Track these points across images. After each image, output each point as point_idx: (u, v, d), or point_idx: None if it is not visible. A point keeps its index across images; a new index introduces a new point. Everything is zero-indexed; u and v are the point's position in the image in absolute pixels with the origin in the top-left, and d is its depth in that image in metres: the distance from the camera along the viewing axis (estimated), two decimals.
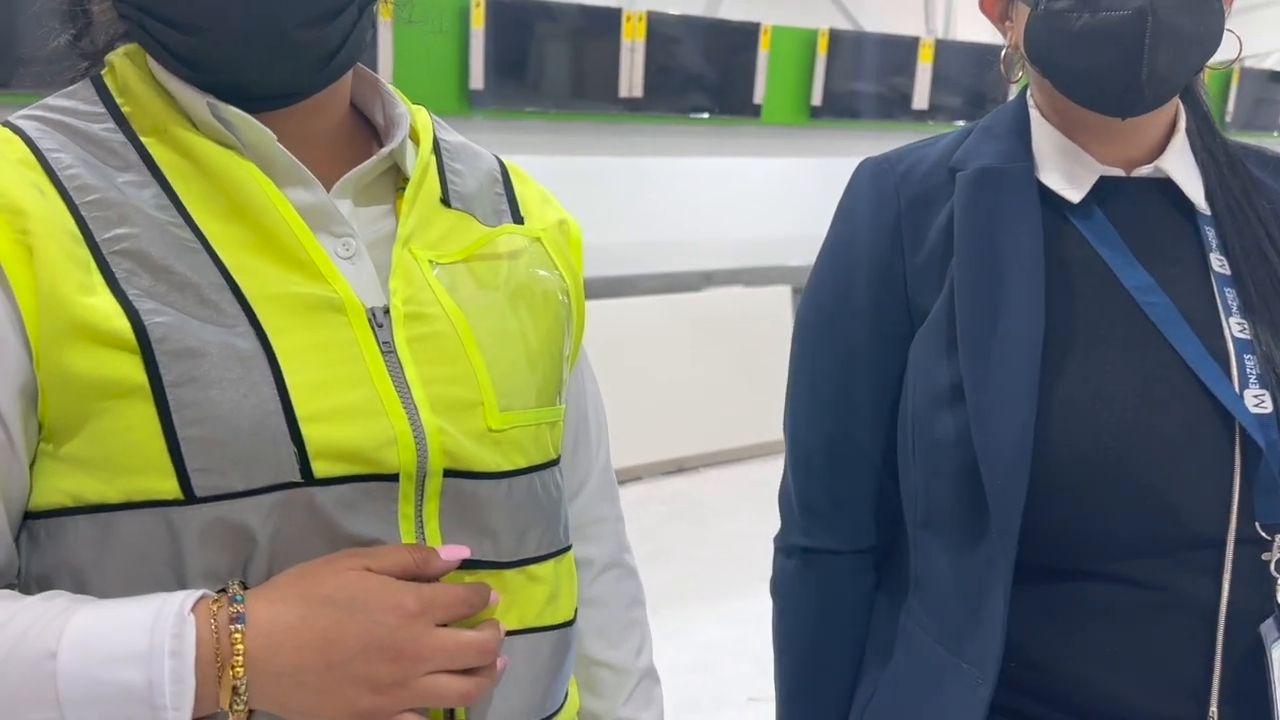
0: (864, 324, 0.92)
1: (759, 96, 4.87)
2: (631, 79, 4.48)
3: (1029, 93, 0.93)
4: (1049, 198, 0.88)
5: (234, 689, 0.60)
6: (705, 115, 4.82)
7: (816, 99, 5.09)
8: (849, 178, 0.96)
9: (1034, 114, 0.91)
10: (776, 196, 5.27)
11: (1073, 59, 0.83)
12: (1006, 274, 0.84)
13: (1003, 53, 0.94)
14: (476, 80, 4.12)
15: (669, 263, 4.85)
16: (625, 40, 4.42)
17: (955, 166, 0.90)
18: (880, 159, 0.94)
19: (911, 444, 0.88)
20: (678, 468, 4.69)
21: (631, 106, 4.54)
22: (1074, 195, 0.87)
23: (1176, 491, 0.79)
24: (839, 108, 5.17)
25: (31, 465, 0.64)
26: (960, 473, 0.83)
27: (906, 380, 0.89)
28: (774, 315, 5.00)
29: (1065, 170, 0.88)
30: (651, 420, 4.30)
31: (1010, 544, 0.80)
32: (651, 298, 4.60)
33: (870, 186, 0.93)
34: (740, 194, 5.17)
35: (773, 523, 1.01)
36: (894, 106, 5.30)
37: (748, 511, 4.24)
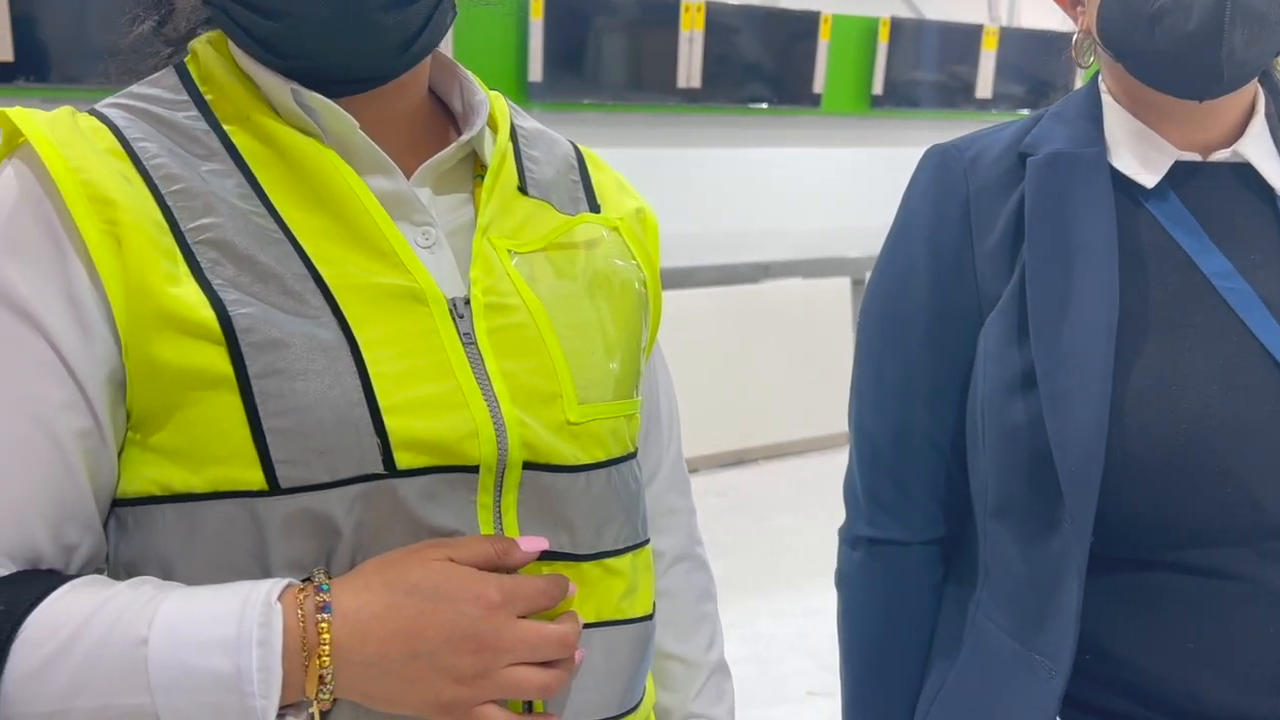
0: (931, 311, 0.91)
1: (819, 86, 4.83)
2: (690, 70, 4.47)
3: (1100, 78, 0.92)
4: (1122, 183, 0.87)
5: (320, 678, 0.61)
6: (764, 105, 4.79)
7: (877, 88, 5.04)
8: (915, 165, 0.95)
9: (1106, 98, 0.90)
10: (836, 187, 5.22)
11: (1148, 42, 0.81)
12: (1079, 259, 0.83)
13: (1074, 38, 0.93)
14: (535, 73, 4.14)
15: (726, 254, 4.82)
16: (683, 31, 4.41)
17: (1025, 152, 0.89)
18: (948, 145, 0.94)
19: (982, 432, 0.88)
20: (735, 460, 4.67)
21: (689, 97, 4.53)
22: (1148, 179, 0.86)
23: (1258, 479, 0.78)
24: (900, 97, 5.12)
25: (120, 453, 0.66)
26: (1033, 460, 0.82)
27: (976, 367, 0.89)
28: (833, 308, 4.95)
29: (1139, 154, 0.87)
30: (708, 413, 4.29)
31: (1085, 533, 0.79)
32: (709, 290, 4.59)
33: (937, 173, 0.92)
34: (799, 185, 5.13)
35: (829, 517, 1.00)
36: (957, 95, 5.22)
37: (805, 505, 4.22)
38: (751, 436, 4.67)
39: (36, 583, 0.62)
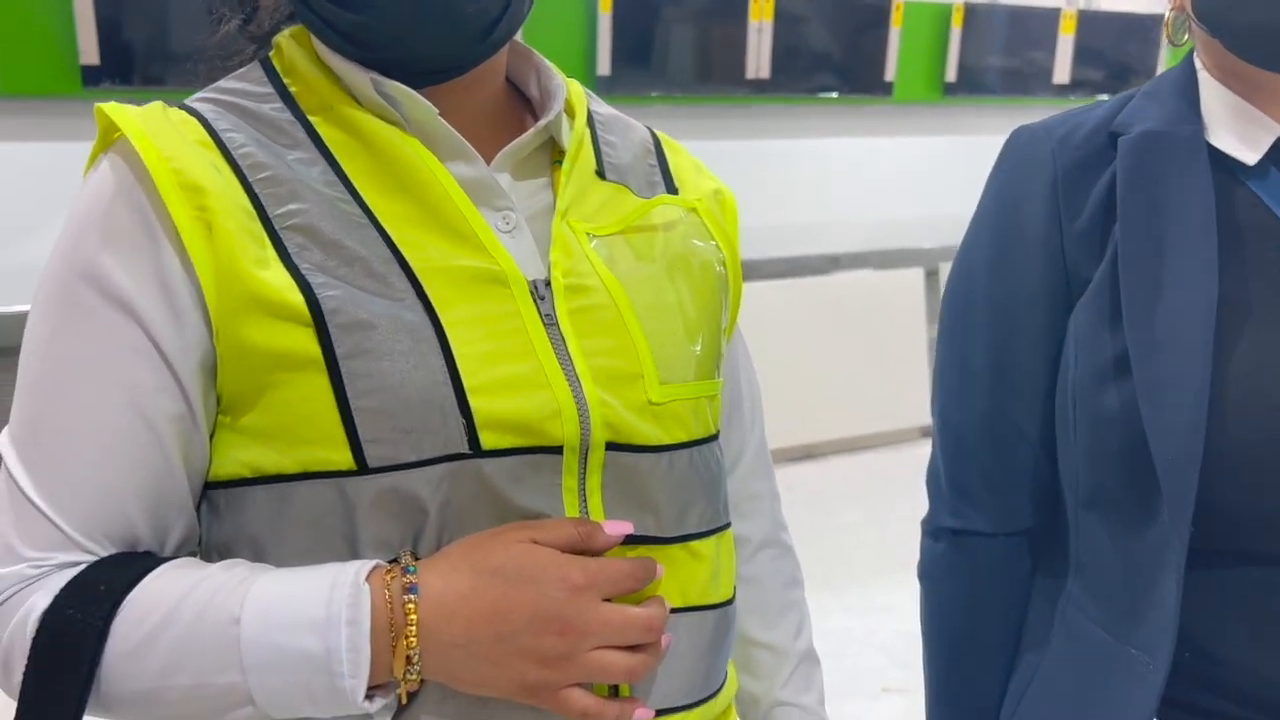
0: (1019, 296, 0.89)
1: (890, 74, 4.75)
2: (759, 60, 4.44)
3: (1195, 55, 0.89)
4: (1220, 160, 0.83)
5: (407, 658, 0.61)
6: (834, 95, 4.73)
7: (950, 75, 4.95)
8: (988, 153, 0.93)
9: (1203, 75, 0.86)
10: (908, 177, 5.14)
11: (1246, 16, 0.78)
12: (1175, 240, 0.80)
13: (1166, 16, 0.90)
14: (603, 66, 4.14)
15: (796, 246, 4.78)
16: (752, 21, 4.37)
17: (1117, 131, 0.86)
18: (1036, 125, 0.91)
19: (1073, 420, 0.85)
20: (804, 455, 4.63)
21: (758, 88, 4.49)
22: (1249, 156, 0.83)
23: None
24: (974, 84, 5.02)
25: (211, 437, 0.67)
26: (1127, 450, 0.80)
27: (1066, 353, 0.86)
28: (905, 299, 4.88)
29: (1239, 131, 0.83)
30: (778, 406, 4.24)
31: (1183, 525, 0.77)
32: (778, 281, 4.55)
33: (1025, 153, 0.90)
34: (870, 175, 5.06)
35: (900, 512, 0.98)
36: (1033, 81, 5.10)
37: (875, 500, 4.16)
38: (821, 430, 4.62)
39: (134, 564, 0.64)
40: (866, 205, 5.06)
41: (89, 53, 3.31)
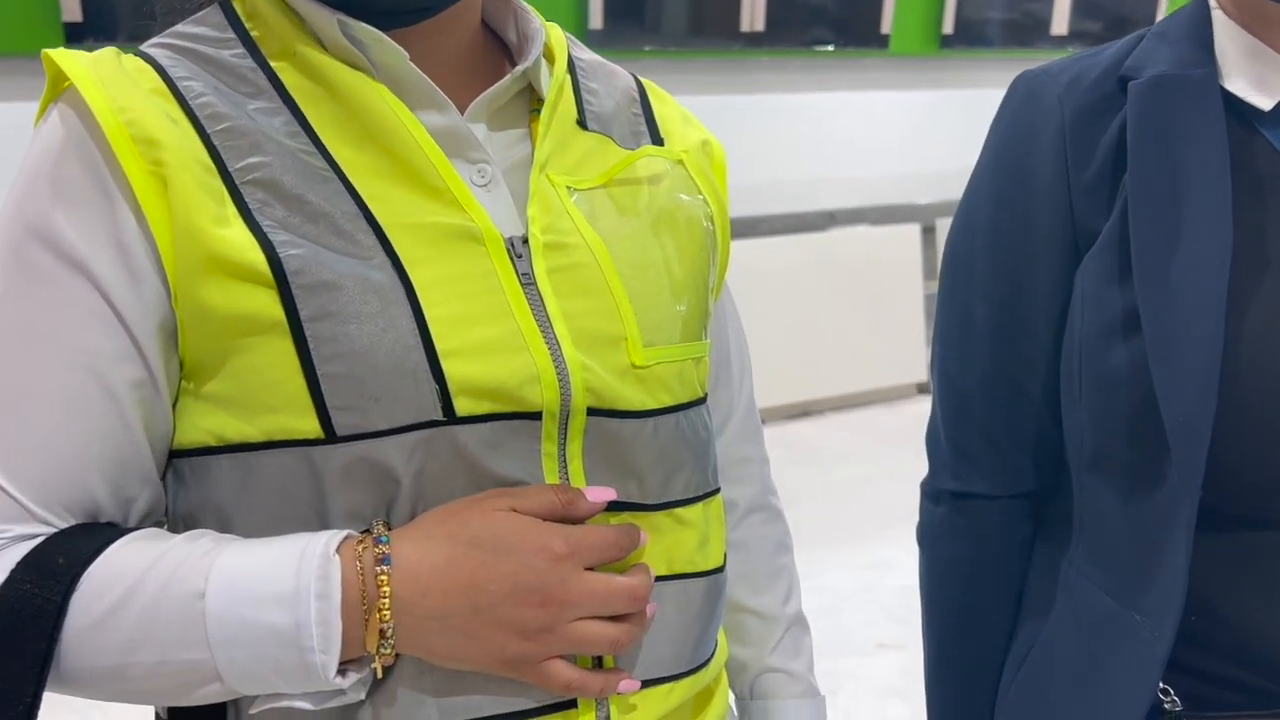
0: (1023, 251, 0.85)
1: (886, 26, 4.68)
2: (753, 12, 4.36)
3: None
4: (1234, 106, 0.79)
5: (381, 632, 0.59)
6: (830, 48, 4.66)
7: (948, 27, 4.87)
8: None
9: (1217, 14, 0.82)
10: (905, 131, 5.08)
11: None
12: (1187, 189, 0.76)
13: None
14: (595, 20, 4.07)
15: (792, 203, 4.73)
16: None
17: (1127, 75, 0.82)
18: (1040, 70, 0.87)
19: (1079, 379, 0.82)
20: (801, 412, 4.62)
21: (753, 41, 4.42)
22: (1264, 102, 0.79)
23: None
24: (972, 36, 4.94)
25: (174, 404, 0.64)
26: (1135, 410, 0.76)
27: (1073, 310, 0.83)
28: (901, 255, 4.84)
29: (1254, 75, 0.79)
30: (774, 363, 4.23)
31: (1193, 487, 0.74)
32: (774, 239, 4.50)
33: (1029, 100, 0.86)
34: (866, 130, 5.00)
35: (897, 469, 0.96)
36: (1031, 33, 5.03)
37: (872, 457, 4.16)
38: (817, 388, 4.61)
39: (95, 536, 0.61)
40: (863, 160, 5.00)
41: (71, 9, 3.24)
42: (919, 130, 5.08)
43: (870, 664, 2.81)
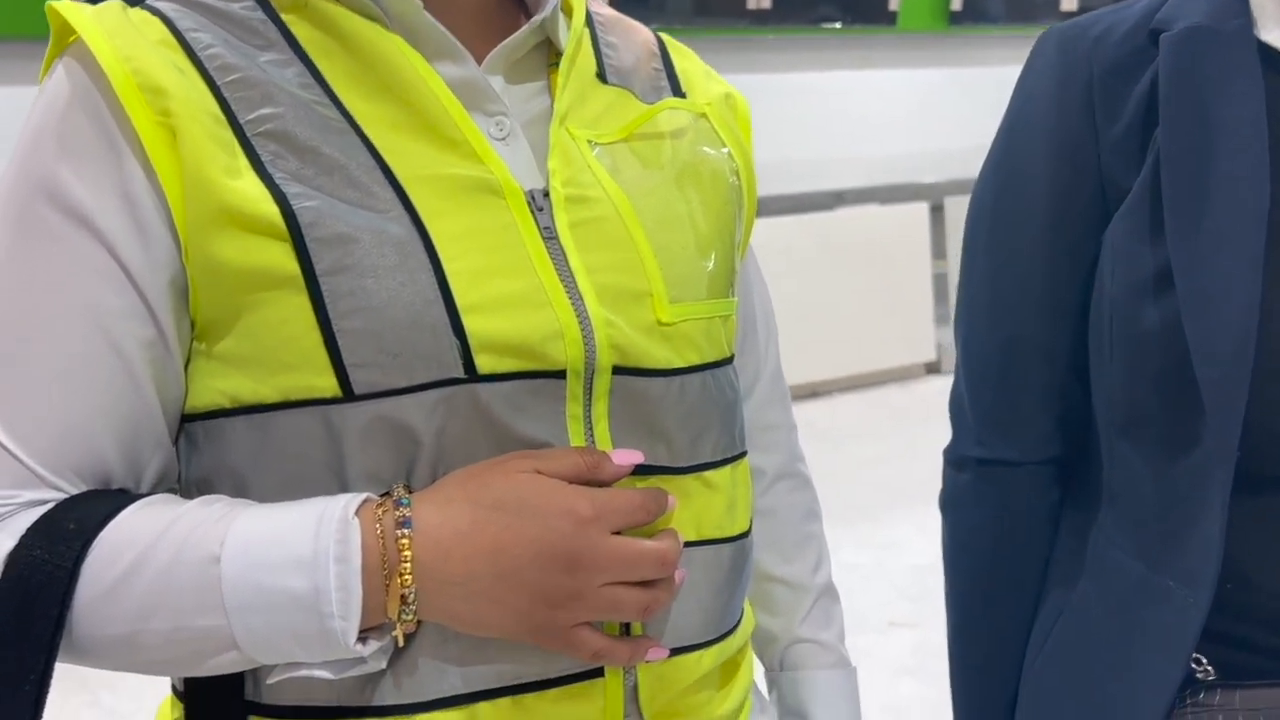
0: (1050, 212, 0.83)
1: (894, 3, 4.64)
2: None
3: None
4: (1271, 58, 0.77)
5: (402, 598, 0.57)
6: (837, 25, 4.62)
7: (956, 4, 4.83)
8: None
9: None
10: (912, 110, 5.04)
11: None
12: (1222, 142, 0.74)
13: None
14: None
15: (799, 183, 4.70)
16: None
17: (1158, 28, 0.80)
18: (1068, 25, 0.84)
19: (1109, 341, 0.80)
20: (811, 392, 4.60)
21: (759, 19, 4.38)
22: None
23: None
24: (980, 13, 4.90)
25: (186, 365, 0.62)
26: (1168, 369, 0.74)
27: (1102, 270, 0.80)
28: (910, 235, 4.81)
29: None
30: (783, 344, 4.21)
31: (1229, 449, 0.72)
32: (781, 219, 4.48)
33: (1057, 56, 0.83)
34: (874, 109, 4.96)
35: (907, 448, 0.94)
36: (1040, 9, 4.98)
37: (882, 436, 4.14)
38: (826, 368, 4.59)
39: (106, 501, 0.60)
40: (870, 139, 4.97)
41: None
42: (927, 108, 5.05)
43: (883, 642, 2.80)
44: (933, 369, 4.96)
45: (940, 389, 0.98)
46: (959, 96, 5.00)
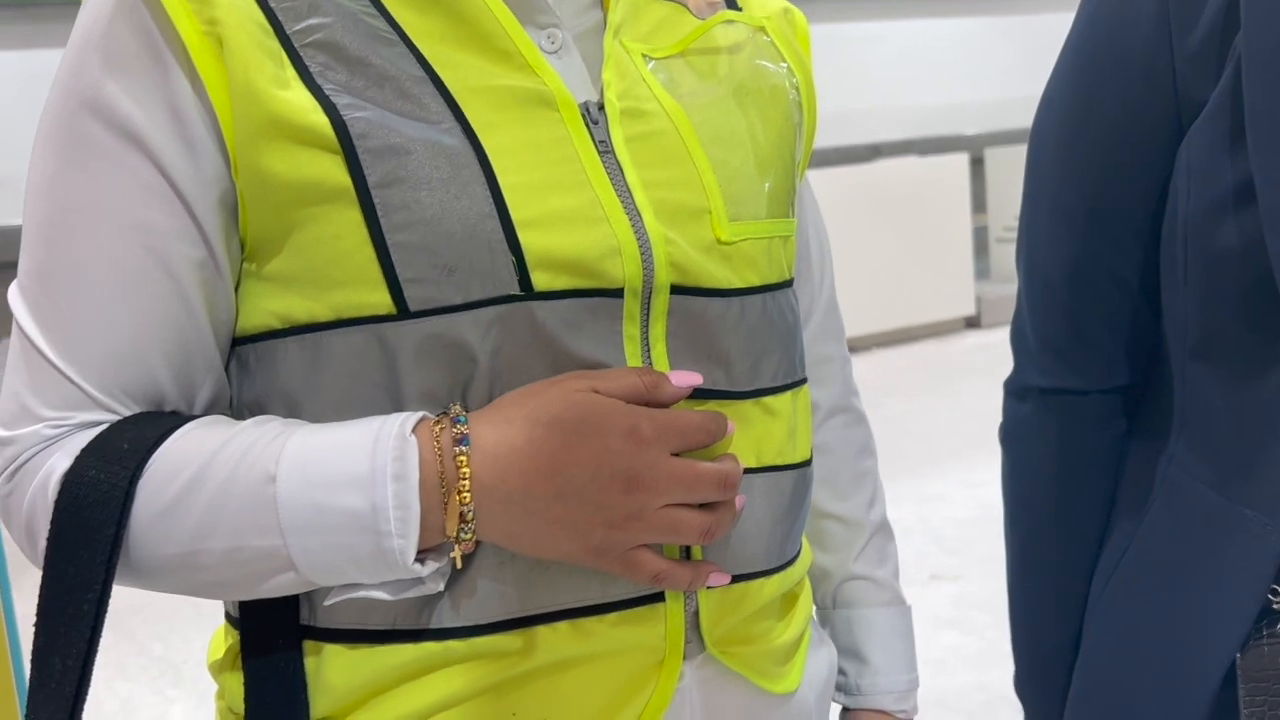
0: (1118, 128, 0.79)
1: None
2: None
3: None
4: None
5: (461, 516, 0.56)
6: None
7: None
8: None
9: None
10: (951, 60, 4.95)
11: None
12: None
13: None
14: None
15: (836, 135, 4.64)
16: None
17: None
18: None
19: (1183, 262, 0.77)
20: (850, 347, 4.55)
21: None
22: None
23: None
24: None
25: (236, 287, 0.61)
26: (1249, 288, 0.71)
27: (1175, 187, 0.77)
28: (949, 187, 4.74)
29: None
30: None
31: None
32: (818, 171, 4.42)
33: None
34: (911, 59, 4.88)
35: (945, 403, 0.91)
36: None
37: (922, 391, 4.11)
38: (865, 323, 4.55)
39: (160, 422, 0.59)
40: (909, 91, 4.89)
41: None
42: (966, 58, 4.96)
43: (924, 595, 2.79)
44: (972, 323, 4.91)
45: (980, 344, 0.95)
46: (1000, 46, 4.91)
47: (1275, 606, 0.75)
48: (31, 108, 0.64)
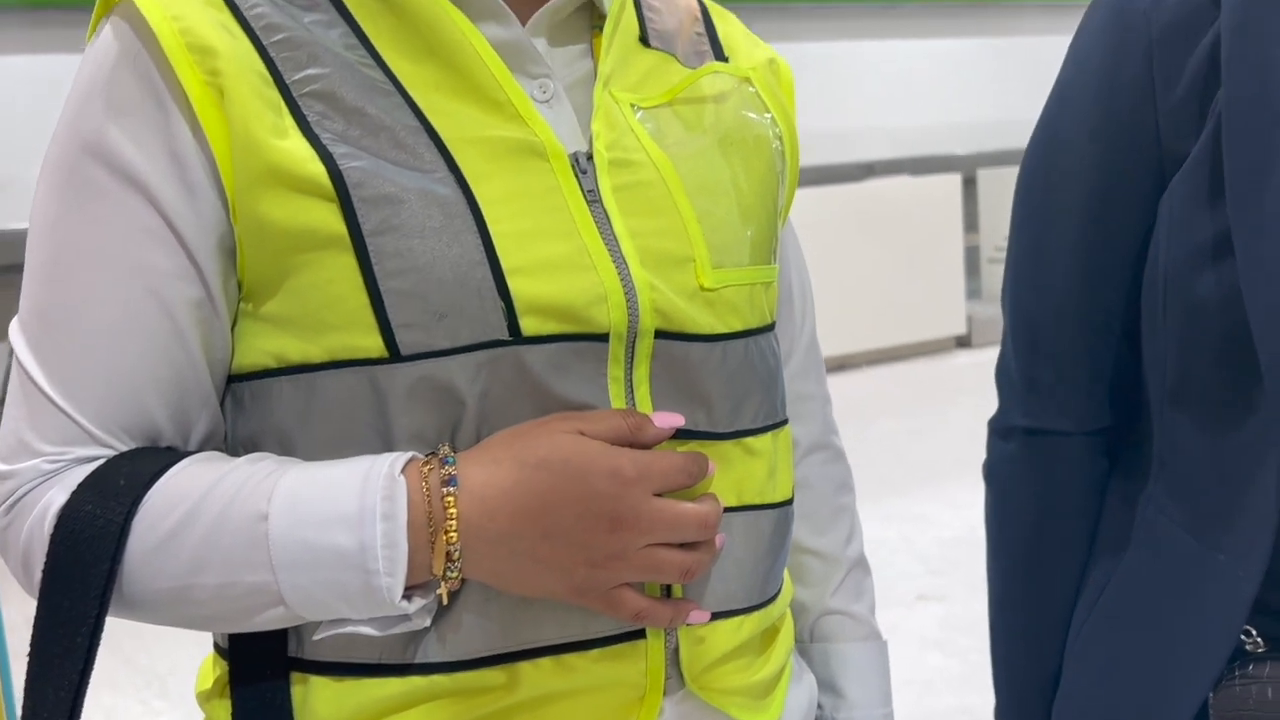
0: (1103, 176, 0.81)
1: None
2: None
3: None
4: None
5: (448, 555, 0.57)
6: None
7: None
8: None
9: None
10: (944, 80, 4.98)
11: None
12: None
13: None
14: None
15: (828, 154, 4.67)
16: None
17: None
18: None
19: (1163, 309, 0.78)
20: (839, 366, 4.59)
21: None
22: None
23: None
24: None
25: (232, 326, 0.63)
26: (1225, 338, 0.73)
27: (1157, 236, 0.79)
28: (941, 207, 4.77)
29: None
30: None
31: None
32: (810, 190, 4.44)
33: (1112, 18, 0.81)
34: (906, 79, 4.91)
35: (936, 422, 0.93)
36: None
37: (911, 411, 4.13)
38: (856, 341, 4.57)
39: (156, 458, 0.60)
40: (902, 111, 4.92)
41: None
42: (959, 79, 4.99)
43: (910, 616, 2.80)
44: (963, 343, 4.94)
45: (970, 363, 0.96)
46: (993, 67, 4.94)
47: (1248, 647, 0.77)
48: (38, 110, 0.66)
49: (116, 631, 0.62)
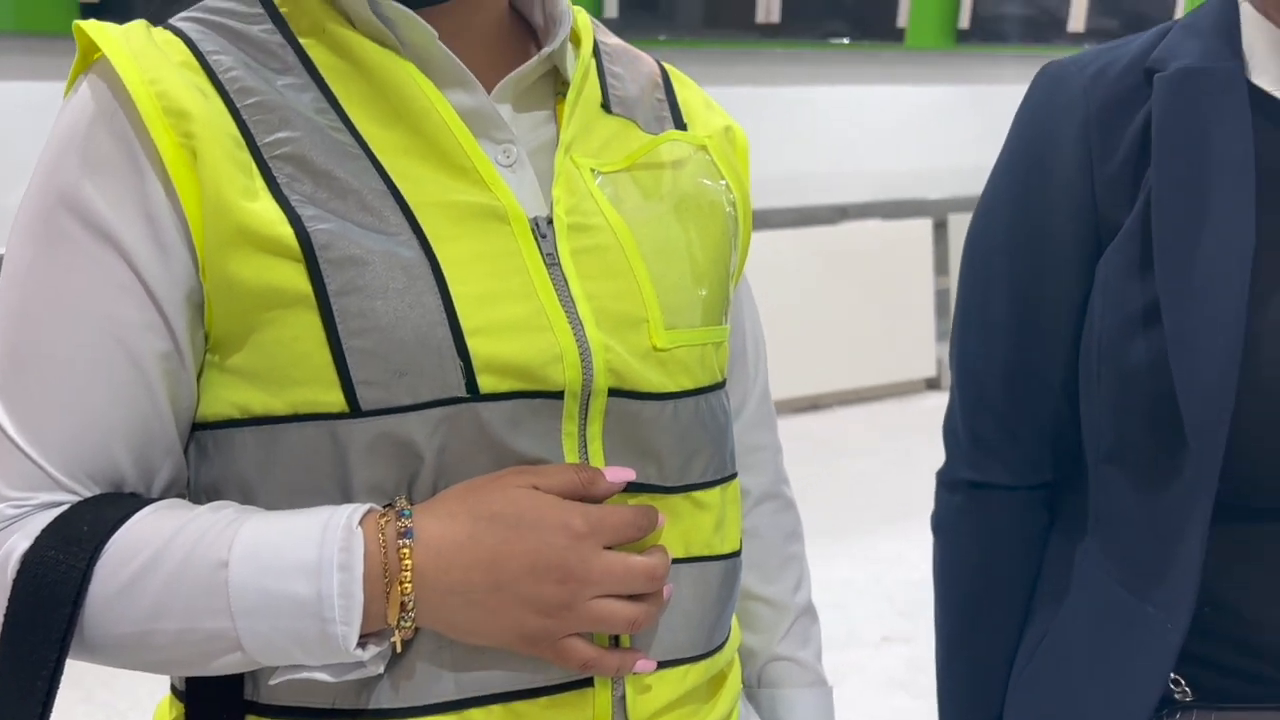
0: (1044, 243, 0.85)
1: (902, 20, 4.67)
2: (768, 4, 4.35)
3: None
4: (1260, 101, 0.79)
5: (402, 605, 0.59)
6: (845, 41, 4.65)
7: (964, 22, 4.85)
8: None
9: (1245, 8, 0.82)
10: (918, 127, 5.06)
11: None
12: (1212, 182, 0.76)
13: None
14: (610, 9, 4.06)
15: (803, 196, 4.72)
16: None
17: (1153, 67, 0.82)
18: (1066, 61, 0.87)
19: (1097, 372, 0.82)
20: (810, 405, 4.62)
21: (768, 33, 4.41)
22: None
23: None
24: (988, 31, 4.93)
25: (199, 377, 0.64)
26: (1154, 403, 0.76)
27: (1093, 303, 0.82)
28: (913, 250, 4.83)
29: None
30: (784, 356, 4.22)
31: (1210, 482, 0.74)
32: (785, 231, 4.50)
33: (1054, 91, 0.85)
34: (880, 124, 4.99)
35: (905, 463, 0.96)
36: (1047, 29, 5.01)
37: (881, 451, 4.16)
38: (827, 381, 4.60)
39: (119, 505, 0.62)
40: (875, 155, 4.99)
41: None
42: (933, 125, 5.07)
43: (876, 657, 2.81)
44: (933, 385, 4.98)
45: (939, 405, 0.99)
46: (965, 114, 5.03)
47: (1176, 696, 0.80)
48: (31, 133, 0.67)
49: (78, 666, 0.63)
